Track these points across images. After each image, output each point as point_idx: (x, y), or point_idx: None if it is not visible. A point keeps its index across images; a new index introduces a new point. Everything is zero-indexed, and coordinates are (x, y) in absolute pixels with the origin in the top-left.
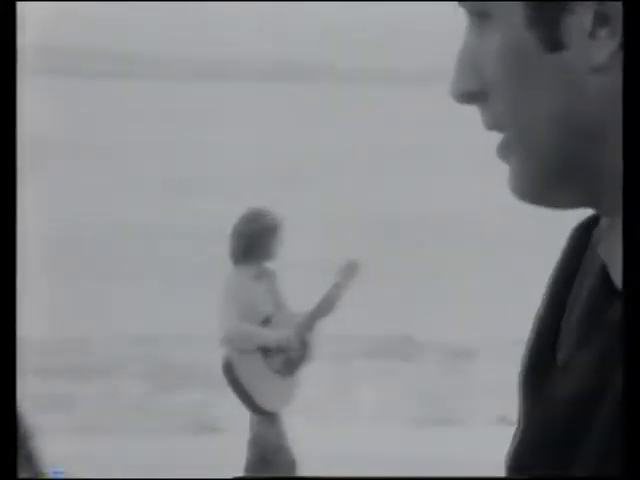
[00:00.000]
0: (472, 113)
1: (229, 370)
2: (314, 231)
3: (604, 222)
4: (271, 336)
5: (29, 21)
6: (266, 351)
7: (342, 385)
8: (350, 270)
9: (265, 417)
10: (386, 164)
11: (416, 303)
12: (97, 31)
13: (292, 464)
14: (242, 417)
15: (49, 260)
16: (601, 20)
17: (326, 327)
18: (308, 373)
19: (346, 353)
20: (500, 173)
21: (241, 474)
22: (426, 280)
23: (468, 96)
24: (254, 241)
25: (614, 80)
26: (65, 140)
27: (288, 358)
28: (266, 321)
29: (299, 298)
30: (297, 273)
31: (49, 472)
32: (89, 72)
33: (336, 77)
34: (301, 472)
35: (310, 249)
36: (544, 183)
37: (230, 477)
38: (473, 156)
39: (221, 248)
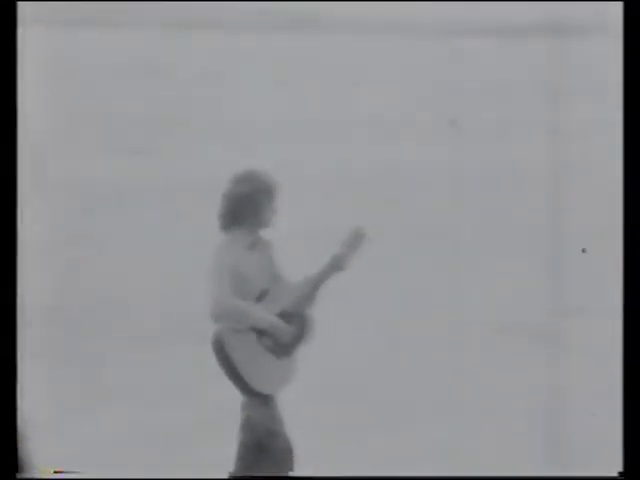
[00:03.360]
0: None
1: (219, 348)
2: (315, 195)
3: None
4: (266, 320)
5: None
6: (261, 330)
7: None
8: (356, 239)
9: (258, 399)
10: (398, 122)
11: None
12: None
13: (288, 451)
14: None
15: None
16: None
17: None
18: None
19: None
20: None
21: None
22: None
23: None
24: (246, 204)
25: None
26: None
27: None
28: (261, 297)
29: (298, 270)
30: (296, 242)
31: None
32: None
33: (342, 27)
34: (298, 460)
35: (311, 215)
36: None
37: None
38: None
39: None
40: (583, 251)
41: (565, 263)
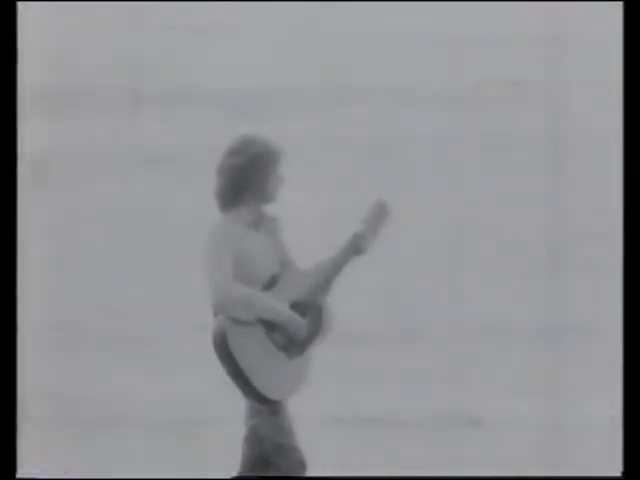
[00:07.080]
0: None
1: (222, 343)
2: (329, 161)
3: None
4: (278, 312)
5: None
6: (271, 324)
7: None
8: (379, 214)
9: (265, 407)
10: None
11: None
12: None
13: (299, 466)
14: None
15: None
16: None
17: None
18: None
19: None
20: None
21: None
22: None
23: None
24: (247, 176)
25: None
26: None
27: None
28: (270, 284)
29: (309, 253)
30: (307, 219)
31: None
32: None
33: None
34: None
35: (325, 185)
36: None
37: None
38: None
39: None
40: None
41: None
